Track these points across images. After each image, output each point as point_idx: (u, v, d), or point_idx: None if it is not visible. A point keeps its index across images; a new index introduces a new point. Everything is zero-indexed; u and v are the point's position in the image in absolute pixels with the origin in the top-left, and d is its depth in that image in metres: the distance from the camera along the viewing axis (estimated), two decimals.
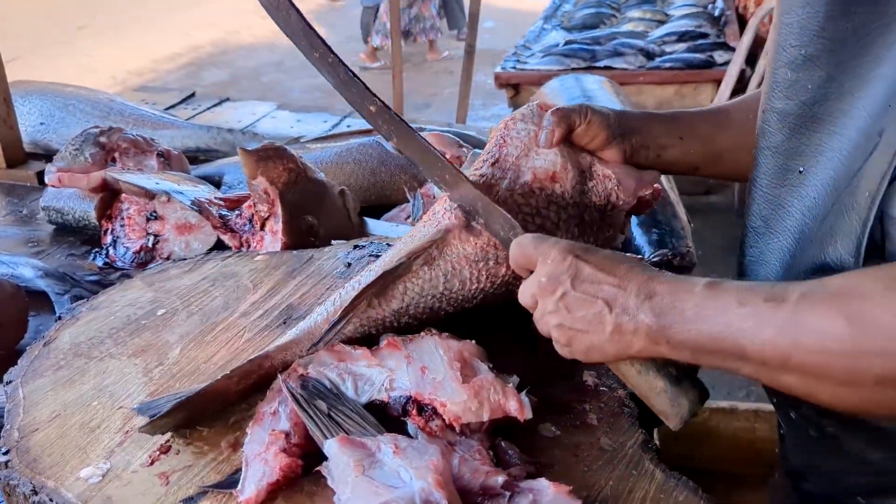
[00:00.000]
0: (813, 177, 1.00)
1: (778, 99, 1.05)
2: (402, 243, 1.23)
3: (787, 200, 1.03)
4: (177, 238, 1.86)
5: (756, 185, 1.09)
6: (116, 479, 1.03)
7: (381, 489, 0.93)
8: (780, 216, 1.03)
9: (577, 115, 1.22)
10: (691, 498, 1.00)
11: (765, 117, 1.08)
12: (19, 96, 2.46)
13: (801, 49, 1.02)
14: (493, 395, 1.04)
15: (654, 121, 1.28)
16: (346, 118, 2.94)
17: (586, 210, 1.23)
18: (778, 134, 1.05)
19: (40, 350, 1.31)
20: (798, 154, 1.03)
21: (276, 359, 1.18)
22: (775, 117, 1.05)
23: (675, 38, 5.52)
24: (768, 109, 1.07)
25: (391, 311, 1.21)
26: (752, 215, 1.09)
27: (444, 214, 1.21)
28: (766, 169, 1.07)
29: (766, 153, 1.07)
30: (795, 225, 1.01)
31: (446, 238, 1.18)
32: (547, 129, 1.21)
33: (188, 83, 8.33)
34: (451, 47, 9.83)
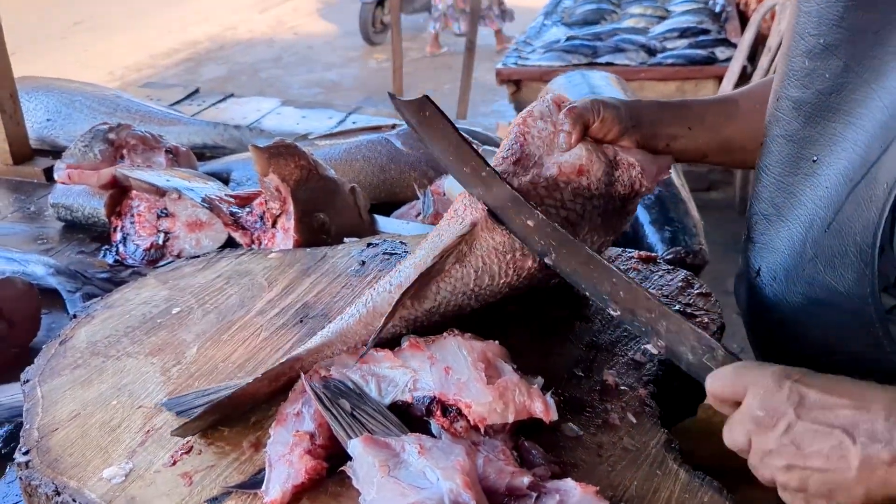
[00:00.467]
0: (826, 166, 1.00)
1: (793, 87, 1.05)
2: (431, 243, 1.23)
3: (798, 189, 1.03)
4: (187, 235, 1.85)
5: (767, 172, 1.09)
6: (139, 480, 1.02)
7: (407, 490, 0.92)
8: (792, 204, 1.04)
9: (591, 112, 1.22)
10: (716, 498, 1.00)
11: (778, 105, 1.07)
12: (25, 92, 2.45)
13: (819, 38, 1.02)
14: (518, 397, 1.04)
15: (664, 111, 1.29)
16: (352, 114, 2.93)
17: (610, 200, 1.24)
18: (792, 122, 1.05)
19: (56, 349, 1.31)
20: (812, 143, 1.03)
21: (307, 361, 1.17)
22: (790, 105, 1.05)
23: (676, 35, 5.52)
24: (783, 97, 1.06)
25: (423, 311, 1.21)
26: (762, 202, 1.10)
27: (465, 210, 1.21)
28: (778, 157, 1.07)
29: (778, 141, 1.07)
30: (806, 213, 1.01)
31: (474, 231, 1.19)
32: (564, 132, 1.21)
33: (186, 79, 8.31)
34: (450, 43, 9.82)
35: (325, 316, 1.37)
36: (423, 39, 9.85)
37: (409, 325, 1.21)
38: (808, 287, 1.05)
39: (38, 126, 2.49)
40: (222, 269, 1.54)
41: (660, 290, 1.44)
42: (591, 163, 1.21)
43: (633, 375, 1.23)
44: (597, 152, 1.22)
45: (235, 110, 3.00)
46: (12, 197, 2.25)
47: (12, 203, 2.22)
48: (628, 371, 1.24)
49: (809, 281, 1.05)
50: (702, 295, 1.43)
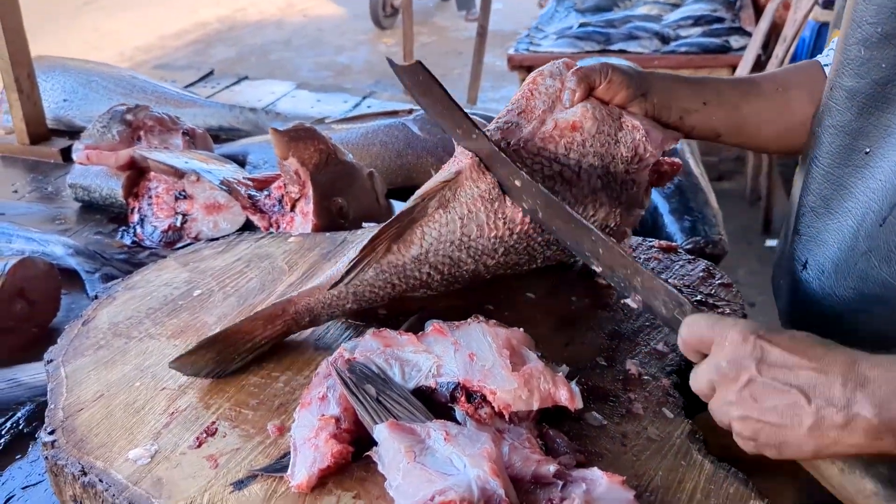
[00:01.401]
0: (880, 158, 0.99)
1: (848, 76, 1.03)
2: (419, 191, 1.23)
3: (850, 181, 1.01)
4: (205, 218, 1.85)
5: (816, 163, 1.07)
6: (165, 461, 1.02)
7: (434, 476, 0.92)
8: (842, 196, 1.02)
9: (598, 73, 1.21)
10: (742, 490, 1.00)
11: (832, 94, 1.05)
12: (42, 72, 2.45)
13: (877, 27, 0.99)
14: (543, 384, 1.03)
15: (680, 83, 1.27)
16: (367, 98, 2.92)
17: (612, 162, 1.24)
18: (845, 112, 1.03)
19: (79, 329, 1.31)
20: (865, 134, 1.01)
21: (300, 304, 1.20)
22: (843, 95, 1.03)
23: (690, 23, 5.48)
24: (836, 86, 1.04)
25: (411, 258, 1.21)
26: (811, 194, 1.08)
27: (453, 161, 1.22)
28: (829, 148, 1.05)
29: (830, 131, 1.05)
30: (858, 207, 1.00)
31: (458, 179, 1.19)
32: (569, 89, 1.21)
33: (196, 60, 8.29)
34: (460, 28, 9.78)
35: None
36: (434, 24, 9.82)
37: (398, 273, 1.21)
38: (861, 281, 1.04)
39: (54, 106, 2.49)
40: (242, 253, 1.54)
41: (681, 280, 1.43)
42: (584, 119, 1.21)
43: (656, 365, 1.23)
44: (596, 110, 1.22)
45: (250, 93, 2.99)
46: (29, 177, 2.25)
47: (29, 183, 2.22)
48: (651, 361, 1.23)
49: (862, 275, 1.03)
50: (724, 285, 1.43)
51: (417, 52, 6.22)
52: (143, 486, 0.99)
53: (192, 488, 0.98)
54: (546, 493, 0.95)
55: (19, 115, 2.32)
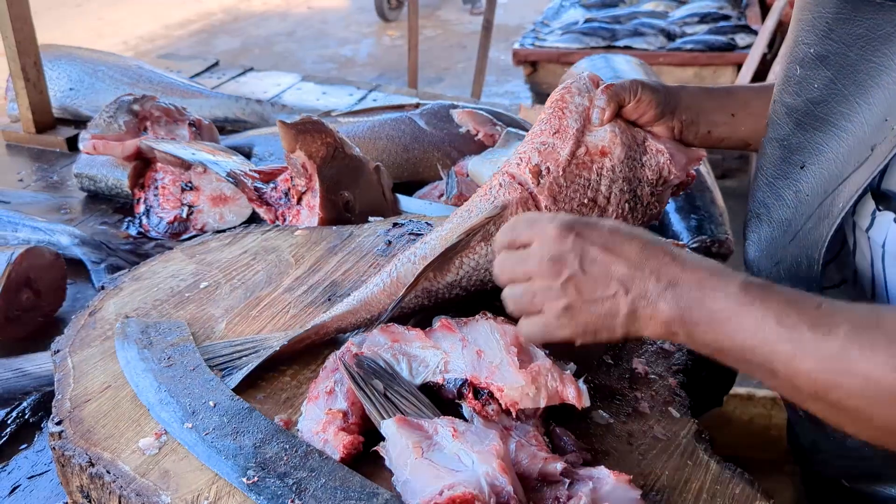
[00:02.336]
0: (811, 174, 1.01)
1: (787, 93, 1.06)
2: (460, 217, 1.23)
3: (784, 193, 1.04)
4: (211, 209, 1.85)
5: (761, 172, 1.10)
6: (173, 453, 1.03)
7: (442, 472, 0.92)
8: (777, 206, 1.05)
9: (627, 92, 1.22)
10: (748, 490, 1.00)
11: (774, 108, 1.09)
12: (48, 61, 2.44)
13: (810, 47, 1.02)
14: (550, 382, 1.04)
15: (707, 97, 1.27)
16: (372, 91, 2.92)
17: (639, 185, 1.24)
18: (784, 127, 1.06)
19: (86, 320, 1.31)
20: (800, 149, 1.03)
21: (332, 328, 1.22)
22: (783, 110, 1.06)
23: (696, 20, 5.48)
24: (778, 101, 1.08)
25: (445, 284, 1.23)
26: (755, 201, 1.11)
27: (500, 189, 1.21)
28: (771, 159, 1.08)
29: (773, 143, 1.08)
30: (786, 218, 1.02)
31: (503, 215, 1.19)
32: (598, 108, 1.21)
33: (200, 50, 8.28)
34: (465, 21, 9.76)
35: None
36: (438, 17, 9.80)
37: (429, 296, 1.23)
38: None
39: (60, 95, 2.48)
40: (249, 245, 1.54)
41: None
42: (613, 144, 1.21)
43: (663, 364, 1.23)
44: (623, 134, 1.22)
45: (255, 84, 2.99)
46: (34, 166, 2.25)
47: (34, 172, 2.22)
48: (657, 360, 1.24)
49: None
50: None
51: (422, 45, 6.20)
52: (150, 477, 0.99)
53: (200, 480, 0.98)
54: (553, 491, 0.95)
55: (25, 104, 2.32)
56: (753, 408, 2.88)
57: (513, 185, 1.20)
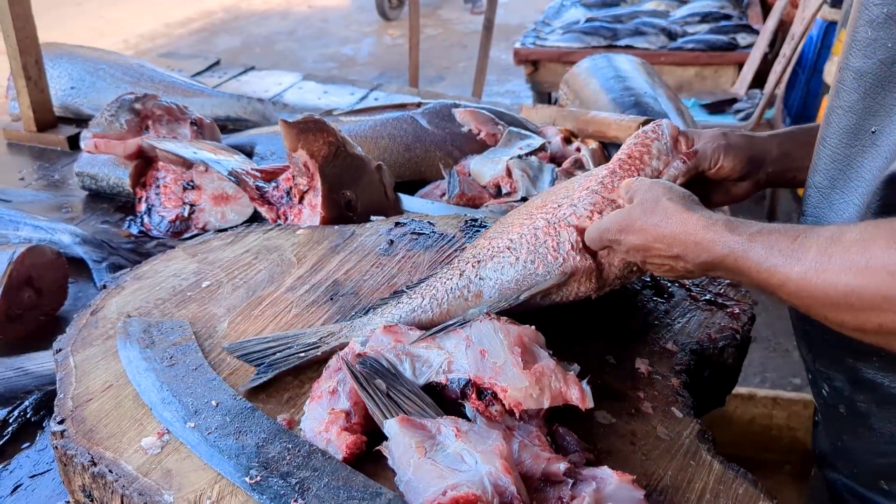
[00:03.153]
0: (885, 137, 0.99)
1: (856, 57, 1.03)
2: (522, 268, 1.22)
3: (856, 160, 1.02)
4: (213, 208, 1.85)
5: (825, 144, 1.07)
6: (175, 453, 1.02)
7: (445, 472, 0.92)
8: (848, 176, 1.03)
9: (708, 160, 1.23)
10: (751, 490, 1.00)
11: (841, 76, 1.05)
12: (49, 59, 2.44)
13: (883, 7, 1.00)
14: (554, 383, 1.03)
15: (790, 143, 1.28)
16: (374, 91, 2.92)
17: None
18: (852, 93, 1.03)
19: (88, 319, 1.31)
20: (872, 114, 1.01)
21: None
22: (851, 76, 1.03)
23: (697, 19, 5.47)
24: (845, 68, 1.04)
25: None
26: (818, 173, 1.08)
27: (569, 252, 1.20)
28: (836, 128, 1.05)
29: (838, 112, 1.05)
30: (864, 186, 1.00)
31: (568, 282, 1.20)
32: (671, 175, 1.22)
33: (201, 49, 8.27)
34: (465, 21, 9.75)
35: (356, 294, 1.37)
36: (439, 17, 9.79)
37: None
38: None
39: (61, 93, 2.48)
40: (251, 244, 1.54)
41: (690, 280, 1.43)
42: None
43: (665, 365, 1.23)
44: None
45: (256, 83, 2.98)
46: (35, 164, 2.25)
47: (36, 170, 2.21)
48: (660, 360, 1.23)
49: None
50: (732, 285, 1.43)
51: (423, 44, 6.19)
52: (152, 476, 0.99)
53: (203, 480, 0.98)
54: (556, 491, 0.95)
55: (26, 102, 2.31)
56: (755, 408, 2.88)
57: (584, 256, 1.19)
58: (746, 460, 1.09)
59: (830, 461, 1.17)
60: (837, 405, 1.10)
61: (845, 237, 0.86)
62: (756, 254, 0.94)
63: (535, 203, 1.33)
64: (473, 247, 1.31)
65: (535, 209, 1.29)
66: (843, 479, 1.14)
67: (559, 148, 2.07)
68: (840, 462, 1.14)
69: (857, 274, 0.83)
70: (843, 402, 1.08)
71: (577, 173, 1.93)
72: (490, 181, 1.97)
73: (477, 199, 1.94)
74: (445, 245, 1.52)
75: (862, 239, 0.84)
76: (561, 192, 1.30)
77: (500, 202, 1.89)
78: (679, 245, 1.03)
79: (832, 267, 0.85)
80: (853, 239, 0.85)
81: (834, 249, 0.86)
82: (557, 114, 2.29)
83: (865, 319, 0.84)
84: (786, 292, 0.91)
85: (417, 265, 1.45)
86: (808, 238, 0.90)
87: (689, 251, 1.02)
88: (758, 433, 2.88)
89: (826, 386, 1.11)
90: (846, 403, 1.08)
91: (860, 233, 0.85)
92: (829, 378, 1.10)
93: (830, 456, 1.17)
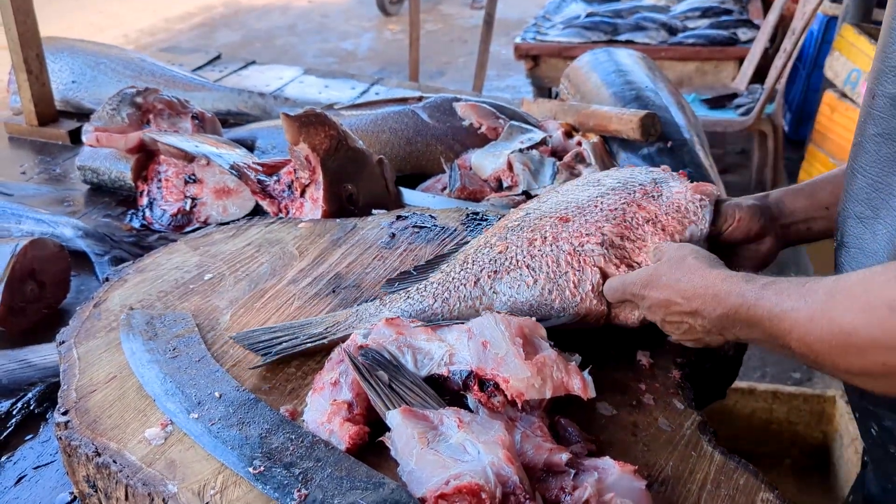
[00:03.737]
0: None
1: (891, 84, 1.01)
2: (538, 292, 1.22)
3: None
4: (214, 202, 1.86)
5: (863, 173, 1.05)
6: (179, 444, 1.03)
7: (447, 462, 0.93)
8: (891, 204, 1.00)
9: (724, 219, 1.27)
10: (752, 481, 1.00)
11: (874, 103, 1.04)
12: (50, 53, 2.44)
13: None
14: (555, 373, 1.04)
15: (799, 198, 1.30)
16: (375, 85, 2.92)
17: None
18: (891, 120, 1.01)
19: (91, 311, 1.31)
20: None
21: None
22: (888, 103, 1.02)
23: (698, 14, 5.47)
24: (879, 94, 1.03)
25: None
26: (858, 203, 1.06)
27: (588, 293, 1.20)
28: (875, 156, 1.03)
29: (875, 140, 1.03)
30: None
31: (579, 316, 1.21)
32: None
33: (201, 44, 8.26)
34: (465, 16, 9.74)
35: (357, 286, 1.37)
36: (439, 12, 9.78)
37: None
38: None
39: (63, 88, 2.48)
40: (253, 237, 1.54)
41: None
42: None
43: (666, 357, 1.23)
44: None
45: (257, 77, 2.99)
46: (37, 158, 2.25)
47: (37, 164, 2.22)
48: (661, 352, 1.24)
49: None
50: None
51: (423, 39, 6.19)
52: (156, 467, 0.99)
53: (206, 470, 0.98)
54: (558, 481, 0.95)
55: (28, 96, 2.32)
56: (755, 402, 2.89)
57: (601, 301, 1.20)
58: (746, 454, 1.09)
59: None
60: (887, 445, 1.08)
61: (851, 277, 0.86)
62: (767, 300, 0.95)
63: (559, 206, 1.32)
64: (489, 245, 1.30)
65: (558, 219, 1.29)
66: None
67: (560, 142, 2.07)
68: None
69: (859, 311, 0.83)
70: (895, 442, 1.06)
71: (579, 167, 1.94)
72: (491, 175, 1.97)
73: (478, 193, 1.94)
74: (447, 238, 1.52)
75: (864, 278, 0.84)
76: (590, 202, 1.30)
77: (502, 196, 1.89)
78: (698, 299, 1.05)
79: (836, 306, 0.85)
80: (857, 278, 0.85)
81: (839, 289, 0.86)
82: (558, 108, 2.29)
83: (871, 360, 0.83)
84: (795, 339, 0.91)
85: (419, 258, 1.45)
86: (818, 282, 0.90)
87: (707, 305, 1.03)
88: (758, 427, 2.89)
89: (875, 425, 1.09)
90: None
91: (862, 274, 0.85)
92: (879, 417, 1.07)
93: (881, 499, 1.15)
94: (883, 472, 1.12)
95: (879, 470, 1.13)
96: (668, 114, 2.18)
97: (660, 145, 2.08)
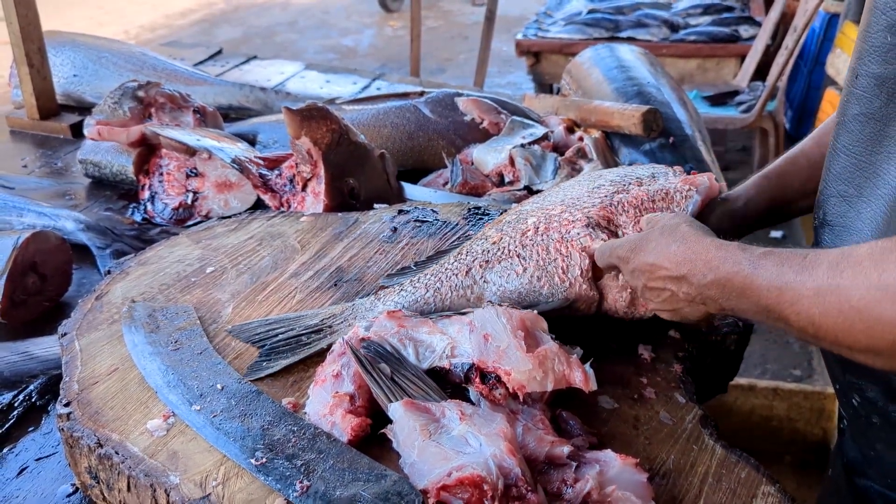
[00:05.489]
0: None
1: (875, 63, 1.01)
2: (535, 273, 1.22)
3: (883, 168, 1.00)
4: (216, 196, 1.85)
5: (846, 152, 1.05)
6: (181, 435, 1.03)
7: (449, 454, 0.93)
8: (875, 184, 1.01)
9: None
10: (753, 475, 1.00)
11: (857, 83, 1.04)
12: (52, 47, 2.44)
13: None
14: (557, 366, 1.04)
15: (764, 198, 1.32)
16: (376, 80, 2.92)
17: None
18: (874, 100, 1.01)
19: (93, 303, 1.31)
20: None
21: None
22: (871, 82, 1.02)
23: (699, 11, 5.47)
24: (862, 74, 1.03)
25: None
26: (841, 182, 1.07)
27: (577, 278, 1.21)
28: (859, 136, 1.03)
29: (859, 119, 1.03)
30: (891, 192, 0.99)
31: (569, 301, 1.21)
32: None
33: (201, 40, 8.25)
34: (466, 12, 9.73)
35: (359, 280, 1.37)
36: (440, 8, 9.77)
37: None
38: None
39: (64, 81, 2.48)
40: (254, 231, 1.54)
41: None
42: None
43: (668, 351, 1.23)
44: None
45: (259, 72, 2.98)
46: (38, 152, 2.25)
47: (39, 158, 2.22)
48: (663, 346, 1.24)
49: None
50: None
51: (424, 35, 6.18)
52: (159, 458, 0.99)
53: (208, 461, 0.99)
54: (560, 474, 0.96)
55: (29, 90, 2.31)
56: (755, 398, 2.89)
57: (591, 286, 1.20)
58: (746, 451, 1.09)
59: (861, 469, 1.15)
60: (870, 415, 1.08)
61: (855, 253, 0.86)
62: (766, 271, 0.93)
63: (556, 200, 1.32)
64: (484, 237, 1.30)
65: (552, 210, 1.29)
66: (877, 486, 1.13)
67: (562, 137, 2.07)
68: (872, 470, 1.13)
69: (872, 287, 0.82)
70: (877, 412, 1.06)
71: (581, 162, 1.94)
72: (493, 170, 1.97)
73: (480, 188, 1.94)
74: (449, 233, 1.52)
75: (873, 254, 0.83)
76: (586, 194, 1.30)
77: (503, 191, 1.89)
78: (687, 264, 1.03)
79: (844, 282, 0.84)
80: (864, 254, 0.84)
81: (845, 265, 0.85)
82: (560, 103, 2.29)
83: (879, 337, 0.82)
84: (796, 312, 0.89)
85: (421, 252, 1.45)
86: (818, 256, 0.89)
87: (697, 270, 1.01)
88: (758, 424, 2.89)
89: (857, 396, 1.09)
90: (880, 414, 1.06)
91: (870, 248, 0.84)
92: (861, 389, 1.08)
93: (861, 464, 1.15)
94: (865, 440, 1.13)
95: (862, 438, 1.14)
96: (669, 109, 2.18)
97: (661, 141, 2.08)
